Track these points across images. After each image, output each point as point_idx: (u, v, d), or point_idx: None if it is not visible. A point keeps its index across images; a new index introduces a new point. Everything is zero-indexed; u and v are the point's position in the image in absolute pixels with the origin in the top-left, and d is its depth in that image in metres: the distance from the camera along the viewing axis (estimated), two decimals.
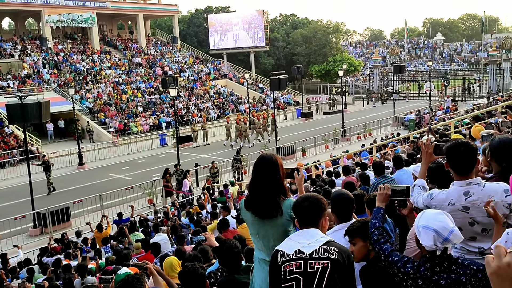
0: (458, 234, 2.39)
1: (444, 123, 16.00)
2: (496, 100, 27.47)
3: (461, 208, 2.94)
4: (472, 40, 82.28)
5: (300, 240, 2.57)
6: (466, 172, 2.99)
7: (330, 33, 60.16)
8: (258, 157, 3.18)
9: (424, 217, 2.48)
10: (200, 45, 57.60)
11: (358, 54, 76.05)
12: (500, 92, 38.91)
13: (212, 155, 25.82)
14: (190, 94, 40.99)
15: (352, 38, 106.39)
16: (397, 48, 69.60)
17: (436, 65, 64.13)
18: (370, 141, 23.78)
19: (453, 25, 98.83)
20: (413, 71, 56.95)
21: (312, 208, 2.65)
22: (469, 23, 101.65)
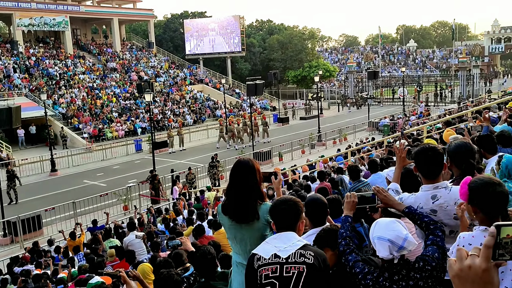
0: (412, 240, 2.42)
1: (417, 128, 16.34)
2: (466, 106, 28.23)
3: (429, 211, 3.01)
4: (443, 47, 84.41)
5: (277, 244, 2.56)
6: (434, 176, 3.07)
7: (305, 39, 60.74)
8: (235, 162, 3.20)
9: (378, 228, 2.50)
10: (176, 50, 57.31)
11: (334, 60, 77.02)
12: (470, 97, 39.99)
13: (189, 160, 25.68)
14: (166, 99, 40.69)
15: (327, 44, 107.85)
16: (372, 54, 70.85)
17: (409, 71, 65.43)
18: (346, 145, 24.08)
19: (425, 32, 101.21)
20: (387, 77, 57.95)
21: (290, 212, 2.64)
22: (440, 31, 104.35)
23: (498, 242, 1.10)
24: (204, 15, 62.01)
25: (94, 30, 53.22)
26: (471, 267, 1.12)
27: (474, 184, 2.37)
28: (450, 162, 3.47)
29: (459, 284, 1.14)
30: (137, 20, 55.23)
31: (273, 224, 2.72)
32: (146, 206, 17.29)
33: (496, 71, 75.96)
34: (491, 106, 12.53)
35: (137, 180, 20.31)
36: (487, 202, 2.30)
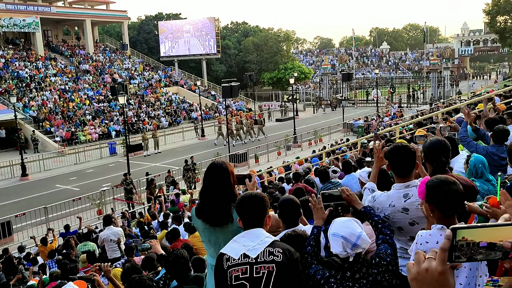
0: (365, 238, 2.46)
1: (390, 129, 16.60)
2: (438, 107, 28.83)
3: (401, 209, 3.04)
4: (415, 49, 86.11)
5: (245, 243, 2.52)
6: (405, 174, 3.11)
7: (281, 41, 61.04)
8: (209, 164, 3.17)
9: (334, 226, 2.54)
10: (150, 52, 56.75)
11: (309, 62, 77.65)
12: (441, 99, 40.91)
13: (164, 163, 25.44)
14: (140, 102, 40.20)
15: (302, 46, 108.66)
16: (346, 57, 71.65)
17: (383, 73, 66.52)
18: (321, 147, 24.28)
19: (398, 34, 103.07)
20: (361, 79, 58.76)
21: (257, 207, 2.61)
22: (412, 33, 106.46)
23: (454, 245, 1.13)
24: (178, 17, 61.62)
25: (66, 32, 52.18)
26: (428, 270, 1.14)
27: (431, 183, 2.44)
28: (424, 159, 3.52)
29: (416, 287, 1.16)
30: (111, 21, 54.45)
31: (239, 220, 2.68)
32: (121, 210, 17.03)
33: (466, 73, 78.00)
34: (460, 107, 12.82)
35: (112, 183, 20.00)
36: (442, 201, 2.37)
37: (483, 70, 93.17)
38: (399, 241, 3.20)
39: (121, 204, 18.79)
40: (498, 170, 4.59)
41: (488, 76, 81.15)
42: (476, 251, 1.13)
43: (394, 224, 3.15)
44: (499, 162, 4.78)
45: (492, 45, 70.10)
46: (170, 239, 7.34)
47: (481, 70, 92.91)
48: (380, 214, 3.19)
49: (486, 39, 71.50)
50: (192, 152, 27.86)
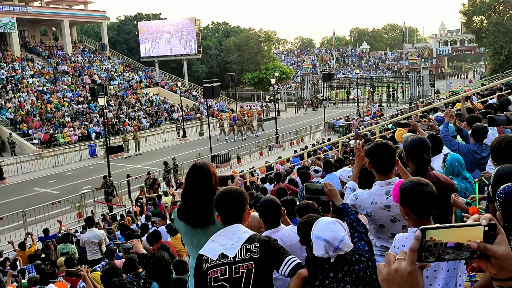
0: (348, 242, 2.46)
1: (370, 128, 16.76)
2: (417, 106, 29.27)
3: (383, 206, 3.06)
4: (394, 49, 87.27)
5: (223, 242, 2.50)
6: (386, 171, 3.13)
7: (262, 41, 61.10)
8: (191, 166, 3.13)
9: (317, 227, 2.52)
10: (130, 53, 56.16)
11: (290, 62, 77.93)
12: (420, 98, 41.52)
13: (145, 165, 25.20)
14: (120, 103, 39.74)
15: (283, 46, 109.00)
16: (326, 57, 72.16)
17: (363, 72, 67.19)
18: (303, 146, 24.37)
19: (377, 35, 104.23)
20: (341, 79, 59.22)
21: (235, 203, 2.58)
22: (392, 33, 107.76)
23: (423, 245, 1.14)
24: (159, 17, 61.12)
25: (43, 32, 51.26)
26: (398, 270, 1.16)
27: (404, 186, 2.46)
28: (406, 157, 3.54)
29: (387, 287, 1.18)
30: (89, 21, 53.70)
31: (217, 216, 2.66)
32: (102, 213, 16.80)
33: (444, 73, 79.36)
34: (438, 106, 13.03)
35: (92, 186, 19.71)
36: (416, 203, 2.38)
37: (460, 69, 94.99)
38: (380, 239, 3.21)
39: (102, 206, 18.54)
40: (478, 168, 4.67)
41: (465, 76, 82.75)
42: (444, 251, 1.14)
43: (376, 221, 3.16)
44: (479, 161, 4.86)
45: (468, 45, 71.50)
46: (151, 241, 7.25)
47: (459, 69, 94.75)
48: (362, 212, 3.21)
49: (463, 39, 72.89)
50: (173, 153, 27.67)
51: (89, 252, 9.27)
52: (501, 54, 46.37)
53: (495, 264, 1.16)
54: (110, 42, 53.23)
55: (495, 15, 47.10)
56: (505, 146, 2.93)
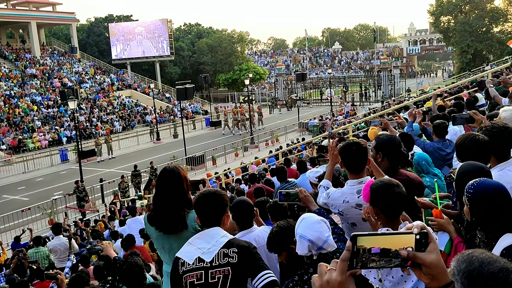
0: (331, 243, 2.47)
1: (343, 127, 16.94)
2: (389, 104, 29.76)
3: (354, 205, 3.08)
4: (366, 49, 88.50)
5: (200, 245, 2.45)
6: (358, 170, 3.15)
7: (235, 42, 61.07)
8: (161, 170, 3.08)
9: (302, 226, 2.51)
10: (101, 55, 55.24)
11: (263, 63, 78.11)
12: (392, 96, 42.26)
13: (118, 168, 24.82)
14: (92, 106, 39.02)
15: (256, 47, 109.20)
16: (299, 57, 72.68)
17: (336, 72, 67.90)
18: (278, 146, 24.45)
19: (349, 34, 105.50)
20: (315, 79, 59.70)
21: (216, 206, 2.55)
22: (363, 33, 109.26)
23: (354, 252, 1.14)
24: (130, 19, 60.36)
25: (10, 35, 49.88)
26: (329, 281, 1.17)
27: (375, 186, 2.48)
28: (382, 155, 3.56)
29: None
30: (58, 24, 52.53)
31: (197, 218, 2.62)
32: (74, 219, 16.45)
33: (414, 71, 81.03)
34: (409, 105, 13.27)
35: (64, 192, 19.28)
36: (386, 204, 2.41)
37: (430, 68, 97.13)
38: None
39: (74, 212, 18.15)
40: (444, 165, 4.77)
41: (435, 74, 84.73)
42: (369, 258, 1.14)
43: (348, 220, 3.18)
44: (445, 157, 4.96)
45: (437, 44, 73.22)
46: (125, 246, 7.12)
47: (428, 68, 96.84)
48: (335, 211, 3.22)
49: (431, 39, 74.60)
50: (147, 156, 27.36)
51: (56, 260, 9.06)
52: (468, 53, 47.65)
53: (426, 272, 1.17)
54: (80, 44, 52.23)
55: (462, 15, 48.37)
56: (469, 144, 2.99)
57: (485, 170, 2.59)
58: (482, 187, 2.17)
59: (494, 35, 47.81)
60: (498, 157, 2.98)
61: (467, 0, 47.69)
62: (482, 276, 1.14)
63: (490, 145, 2.95)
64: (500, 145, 3.00)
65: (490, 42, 46.73)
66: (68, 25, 51.09)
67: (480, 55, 48.40)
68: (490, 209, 2.14)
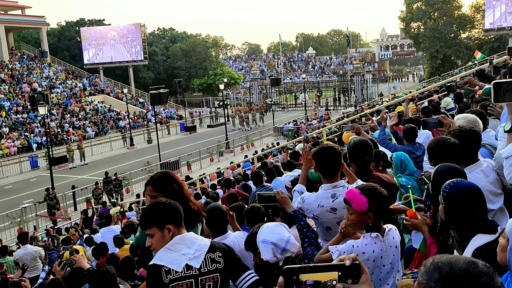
0: (294, 242, 2.49)
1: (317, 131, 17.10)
2: (362, 108, 30.21)
3: (329, 209, 3.09)
4: (339, 54, 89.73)
5: (183, 251, 2.32)
6: (332, 174, 3.16)
7: (209, 47, 60.94)
8: (154, 174, 3.01)
9: (263, 232, 2.54)
10: (73, 60, 54.18)
11: (238, 67, 78.20)
12: (365, 100, 42.93)
13: (91, 175, 24.37)
14: (64, 112, 38.22)
15: (231, 52, 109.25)
16: (274, 62, 73.10)
17: (310, 77, 68.52)
18: (253, 151, 24.47)
19: (322, 40, 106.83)
20: (289, 83, 60.09)
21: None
22: (336, 38, 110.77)
23: (292, 285, 1.17)
24: (102, 23, 59.43)
25: None
26: None
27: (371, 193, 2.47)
28: (349, 159, 3.61)
29: None
30: (27, 27, 51.31)
31: (172, 226, 2.49)
32: (45, 227, 16.02)
33: (386, 76, 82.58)
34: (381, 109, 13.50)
35: (34, 200, 18.76)
36: (382, 209, 2.45)
37: (401, 72, 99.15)
38: (327, 242, 3.25)
39: (45, 220, 17.69)
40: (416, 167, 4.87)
41: (406, 79, 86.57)
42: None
43: (323, 224, 3.20)
44: (415, 160, 5.08)
45: (408, 49, 74.83)
46: (97, 255, 6.96)
47: (400, 72, 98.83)
48: (309, 215, 3.23)
49: (402, 44, 76.21)
50: (121, 162, 27.01)
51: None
52: (437, 58, 48.91)
53: None
54: (50, 48, 51.15)
55: (431, 22, 49.65)
56: (440, 148, 3.07)
57: (461, 171, 2.68)
58: (458, 187, 2.25)
59: (462, 41, 49.26)
60: (466, 160, 3.06)
61: (436, 7, 49.01)
62: (456, 275, 1.17)
63: (460, 148, 3.02)
64: (468, 148, 3.08)
65: (458, 48, 48.11)
66: (38, 29, 49.98)
67: (449, 60, 49.75)
68: (464, 208, 2.20)
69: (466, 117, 3.84)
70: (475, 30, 49.89)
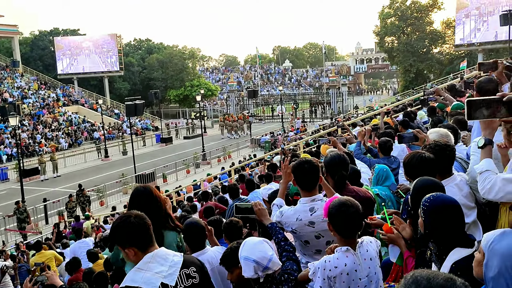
0: (276, 261, 2.48)
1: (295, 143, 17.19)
2: (338, 121, 30.56)
3: (307, 223, 3.09)
4: (315, 66, 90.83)
5: (156, 269, 2.24)
6: (310, 188, 3.17)
7: (186, 58, 60.84)
8: (133, 189, 2.94)
9: (245, 248, 2.52)
10: (46, 70, 53.21)
11: (215, 79, 78.20)
12: (340, 113, 43.48)
13: (64, 187, 23.82)
14: (36, 123, 37.37)
15: (208, 63, 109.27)
16: (251, 74, 73.46)
17: (286, 89, 69.07)
18: (230, 163, 24.39)
19: (299, 52, 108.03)
20: (266, 95, 60.42)
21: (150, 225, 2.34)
22: (312, 51, 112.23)
23: None
24: (77, 33, 58.70)
25: None
26: None
27: (331, 206, 2.56)
28: (326, 173, 3.63)
29: None
30: None
31: (131, 249, 2.33)
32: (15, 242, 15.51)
33: (361, 89, 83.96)
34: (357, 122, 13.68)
35: (3, 213, 18.18)
36: (340, 224, 2.50)
37: (376, 85, 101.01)
38: (305, 256, 3.24)
39: (15, 235, 17.14)
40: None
41: (381, 92, 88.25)
42: None
43: (301, 238, 3.19)
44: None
45: (382, 63, 76.36)
46: (70, 270, 6.76)
47: (375, 85, 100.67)
48: (288, 229, 3.22)
49: (377, 58, 77.76)
50: (95, 174, 26.51)
51: None
52: (411, 72, 50.09)
53: None
54: (23, 58, 50.13)
55: (404, 36, 50.92)
56: (416, 162, 3.12)
57: (439, 185, 2.72)
58: (437, 201, 2.29)
59: (434, 56, 50.64)
60: (441, 174, 3.11)
61: (409, 22, 50.29)
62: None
63: (435, 162, 3.08)
64: (443, 162, 3.14)
65: (430, 62, 49.42)
66: (9, 38, 48.98)
67: (422, 74, 51.01)
68: (443, 222, 2.24)
69: (439, 131, 3.92)
70: (446, 45, 51.38)
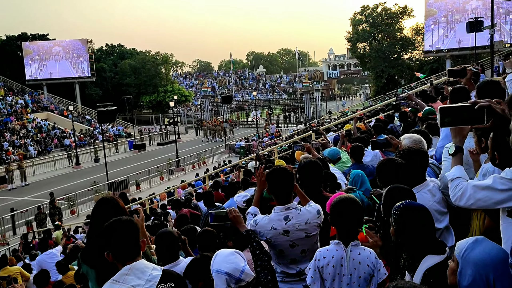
0: (249, 272, 2.43)
1: (270, 149, 17.19)
2: (311, 126, 30.80)
3: (282, 232, 3.06)
4: (289, 72, 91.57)
5: (133, 282, 2.18)
6: (285, 196, 3.14)
7: (159, 64, 60.30)
8: (98, 200, 2.83)
9: (216, 261, 2.46)
10: (14, 75, 51.75)
11: (189, 84, 77.77)
12: (314, 118, 43.86)
13: (33, 196, 23.16)
14: (3, 130, 36.27)
15: (181, 69, 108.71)
16: (225, 79, 73.36)
17: (261, 95, 69.30)
18: (205, 169, 24.21)
19: (273, 58, 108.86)
20: (240, 101, 60.44)
21: (131, 234, 2.27)
22: (286, 57, 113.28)
23: None
24: (46, 38, 57.38)
25: None
26: None
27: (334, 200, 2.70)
28: (299, 180, 3.62)
29: None
30: None
31: (108, 255, 2.29)
32: None
33: (334, 94, 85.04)
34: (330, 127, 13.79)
35: None
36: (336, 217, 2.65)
37: (348, 91, 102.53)
38: (280, 265, 3.20)
39: None
40: None
41: (353, 97, 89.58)
42: None
43: (275, 247, 3.15)
44: None
45: (354, 68, 77.67)
46: (38, 284, 6.53)
47: (347, 91, 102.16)
48: (262, 238, 3.18)
49: (349, 63, 79.02)
50: (65, 182, 25.91)
51: None
52: (382, 78, 50.97)
53: None
54: None
55: (375, 42, 51.83)
56: (388, 169, 3.14)
57: (410, 192, 2.73)
58: (407, 209, 2.29)
59: (404, 62, 51.70)
60: (414, 180, 3.13)
61: (380, 29, 51.23)
62: None
63: (408, 168, 3.09)
64: (416, 168, 3.16)
65: (401, 68, 50.43)
66: None
67: (393, 79, 51.96)
68: (414, 230, 2.24)
69: (412, 137, 3.95)
70: (416, 52, 52.53)
